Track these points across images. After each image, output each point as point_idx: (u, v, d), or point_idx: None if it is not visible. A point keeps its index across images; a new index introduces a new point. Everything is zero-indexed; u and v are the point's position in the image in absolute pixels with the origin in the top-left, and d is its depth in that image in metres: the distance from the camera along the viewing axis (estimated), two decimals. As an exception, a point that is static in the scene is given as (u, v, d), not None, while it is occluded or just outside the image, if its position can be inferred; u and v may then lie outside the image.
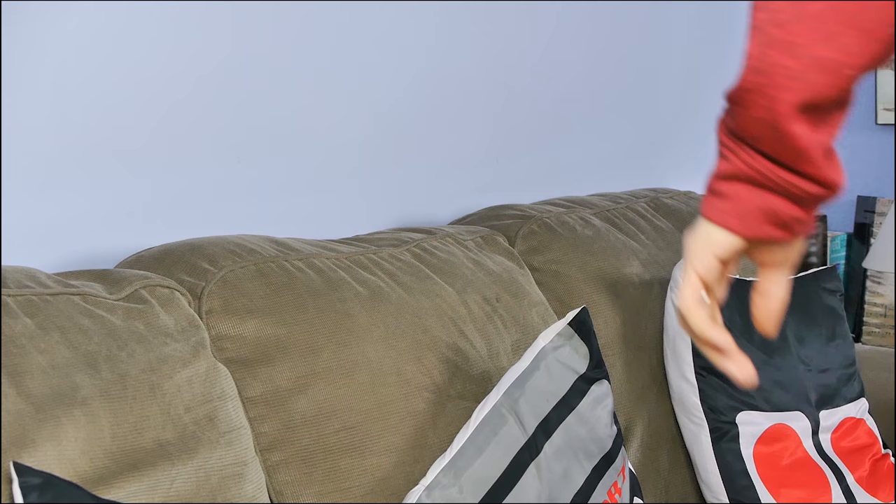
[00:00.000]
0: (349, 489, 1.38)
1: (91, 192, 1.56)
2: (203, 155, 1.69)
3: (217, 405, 1.29)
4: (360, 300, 1.48)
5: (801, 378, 1.83)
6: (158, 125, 1.63)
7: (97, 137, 1.56)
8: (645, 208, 2.08)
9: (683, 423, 1.79)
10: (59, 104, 1.51)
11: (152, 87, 1.61)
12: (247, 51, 1.73)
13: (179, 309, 1.34)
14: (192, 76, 1.66)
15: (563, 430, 1.44)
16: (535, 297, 1.73)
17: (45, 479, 1.02)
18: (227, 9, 1.69)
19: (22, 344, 1.15)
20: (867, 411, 1.93)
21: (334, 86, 1.86)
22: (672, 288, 1.81)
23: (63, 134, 1.52)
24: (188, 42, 1.65)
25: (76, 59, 1.52)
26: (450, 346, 1.53)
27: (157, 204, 1.63)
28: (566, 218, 1.91)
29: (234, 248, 1.47)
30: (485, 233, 1.80)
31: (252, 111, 1.75)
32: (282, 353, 1.39)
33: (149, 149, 1.62)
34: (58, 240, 1.52)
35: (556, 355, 1.48)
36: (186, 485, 1.20)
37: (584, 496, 1.43)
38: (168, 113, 1.63)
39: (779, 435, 1.77)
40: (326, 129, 1.86)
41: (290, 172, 1.81)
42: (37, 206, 1.50)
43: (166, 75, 1.63)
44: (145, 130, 1.61)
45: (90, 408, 1.15)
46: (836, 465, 1.81)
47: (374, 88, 1.93)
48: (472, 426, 1.39)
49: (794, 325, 1.86)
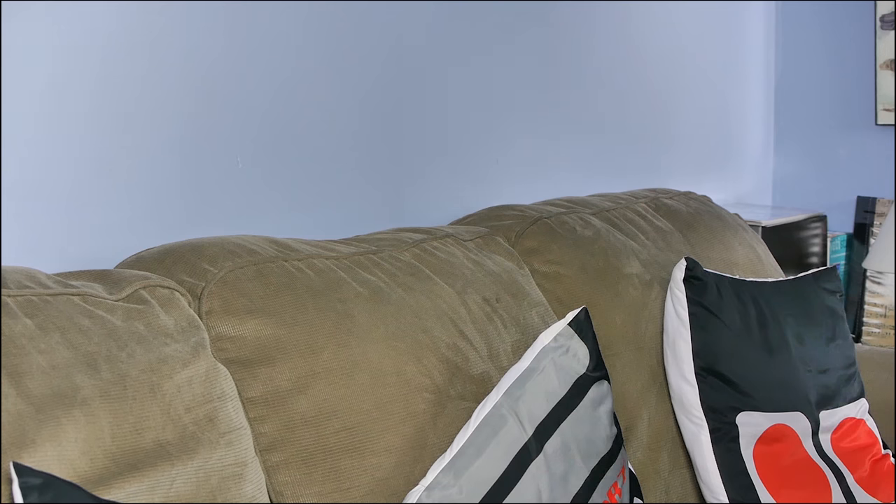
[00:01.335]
0: (349, 489, 1.38)
1: (91, 192, 1.56)
2: (203, 155, 1.69)
3: (217, 405, 1.29)
4: (361, 300, 1.48)
5: (801, 378, 1.83)
6: (158, 125, 1.63)
7: (97, 137, 1.56)
8: (645, 209, 2.08)
9: (683, 423, 1.79)
10: (60, 104, 1.51)
11: (152, 87, 1.61)
12: (245, 50, 1.73)
13: (179, 309, 1.34)
14: (192, 76, 1.66)
15: (563, 430, 1.44)
16: (535, 297, 1.73)
17: (44, 480, 1.02)
18: (228, 8, 1.69)
19: (22, 344, 1.15)
20: (867, 412, 1.93)
21: (334, 85, 1.86)
22: (672, 288, 1.81)
23: (63, 134, 1.52)
24: (189, 42, 1.65)
25: (76, 59, 1.52)
26: (450, 347, 1.53)
27: (157, 204, 1.63)
28: (566, 218, 1.91)
29: (234, 248, 1.47)
30: (485, 233, 1.80)
31: (251, 111, 1.75)
32: (282, 354, 1.39)
33: (149, 149, 1.62)
34: (58, 240, 1.52)
35: (556, 356, 1.48)
36: (186, 485, 1.20)
37: (584, 496, 1.43)
38: (168, 113, 1.63)
39: (779, 435, 1.77)
40: (326, 129, 1.86)
41: (289, 172, 1.81)
42: (37, 207, 1.50)
43: (166, 75, 1.63)
44: (145, 130, 1.61)
45: (90, 408, 1.15)
46: (836, 465, 1.81)
47: (374, 88, 1.92)
48: (472, 426, 1.39)
49: (794, 326, 1.86)
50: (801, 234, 2.68)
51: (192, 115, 1.66)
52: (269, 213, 1.77)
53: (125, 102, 1.58)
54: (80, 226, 1.54)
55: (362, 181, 1.92)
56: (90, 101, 1.54)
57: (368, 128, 1.92)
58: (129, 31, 1.57)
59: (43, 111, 1.49)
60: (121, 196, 1.59)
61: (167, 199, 1.64)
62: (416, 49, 1.99)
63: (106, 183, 1.57)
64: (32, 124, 1.48)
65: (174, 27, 1.62)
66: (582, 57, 2.34)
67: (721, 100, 2.77)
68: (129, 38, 1.57)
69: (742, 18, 2.80)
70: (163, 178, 1.63)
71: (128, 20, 1.56)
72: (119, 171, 1.58)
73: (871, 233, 2.76)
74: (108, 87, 1.56)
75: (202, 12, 1.65)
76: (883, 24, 2.67)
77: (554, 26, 2.26)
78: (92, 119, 1.54)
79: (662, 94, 2.57)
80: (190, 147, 1.67)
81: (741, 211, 2.58)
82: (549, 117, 2.28)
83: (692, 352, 1.77)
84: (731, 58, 2.79)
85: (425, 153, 2.03)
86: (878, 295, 2.71)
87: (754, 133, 2.89)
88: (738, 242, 2.13)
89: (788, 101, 2.91)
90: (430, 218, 1.99)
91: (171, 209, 1.65)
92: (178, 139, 1.65)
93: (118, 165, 1.58)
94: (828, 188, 2.85)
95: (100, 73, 1.54)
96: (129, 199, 1.60)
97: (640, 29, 2.49)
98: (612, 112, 2.44)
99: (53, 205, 1.51)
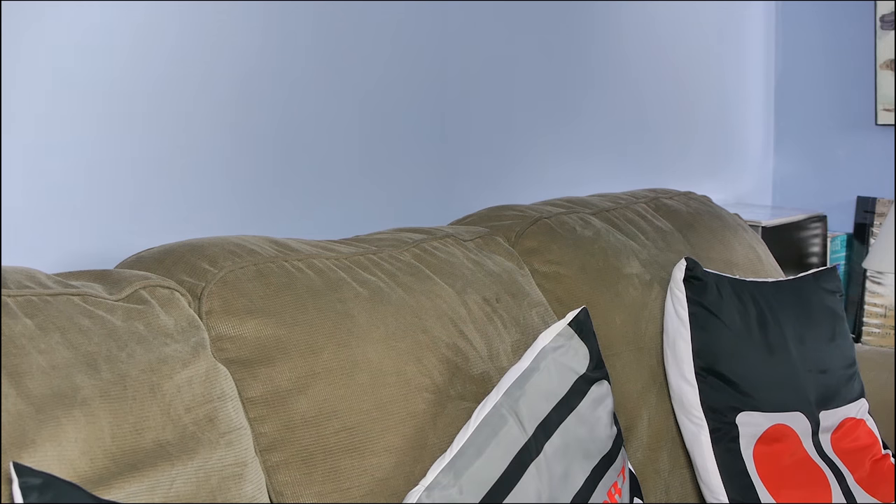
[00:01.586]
0: (349, 490, 1.38)
1: (91, 192, 1.56)
2: (203, 155, 1.69)
3: (217, 406, 1.29)
4: (360, 301, 1.48)
5: (801, 378, 1.83)
6: (159, 126, 1.63)
7: (98, 138, 1.56)
8: (645, 209, 2.08)
9: (683, 423, 1.79)
10: (60, 104, 1.51)
11: (152, 88, 1.61)
12: (245, 52, 1.73)
13: (179, 309, 1.34)
14: (192, 77, 1.66)
15: (563, 430, 1.44)
16: (535, 297, 1.73)
17: (44, 480, 1.02)
18: (229, 8, 1.69)
19: (22, 344, 1.15)
20: (867, 412, 1.93)
21: (335, 86, 1.86)
22: (672, 288, 1.81)
23: (63, 134, 1.52)
24: (189, 42, 1.65)
25: (76, 59, 1.52)
26: (450, 347, 1.53)
27: (156, 204, 1.64)
28: (566, 218, 1.91)
29: (234, 248, 1.47)
30: (485, 233, 1.80)
31: (251, 111, 1.75)
32: (282, 354, 1.39)
33: (149, 149, 1.62)
34: (58, 240, 1.52)
35: (556, 356, 1.48)
36: (186, 485, 1.20)
37: (584, 496, 1.43)
38: (168, 114, 1.64)
39: (779, 435, 1.77)
40: (327, 129, 1.86)
41: (290, 173, 1.81)
42: (37, 207, 1.50)
43: (165, 76, 1.63)
44: (145, 131, 1.61)
45: (90, 408, 1.15)
46: (837, 465, 1.80)
47: (374, 89, 1.93)
48: (472, 427, 1.39)
49: (794, 326, 1.86)
50: (801, 234, 2.68)
51: (191, 114, 1.67)
52: (268, 213, 1.77)
53: (124, 102, 1.58)
54: (79, 226, 1.54)
55: (362, 181, 1.92)
56: (91, 101, 1.54)
57: (368, 128, 1.92)
58: (120, 31, 1.57)
59: (44, 111, 1.49)
60: (121, 196, 1.59)
61: (167, 199, 1.64)
62: (413, 49, 1.99)
63: (106, 183, 1.57)
64: (33, 124, 1.48)
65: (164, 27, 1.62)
66: (581, 58, 2.34)
67: (721, 100, 2.77)
68: (125, 38, 1.57)
69: (742, 18, 2.80)
70: (163, 177, 1.64)
71: (118, 20, 1.57)
72: (119, 170, 1.59)
73: (871, 233, 2.76)
74: (108, 87, 1.56)
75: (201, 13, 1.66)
76: (883, 24, 2.67)
77: (550, 28, 2.26)
78: (92, 119, 1.54)
79: (662, 94, 2.57)
80: (190, 147, 1.67)
81: (741, 211, 2.58)
82: (550, 117, 2.28)
83: (692, 352, 1.77)
84: (731, 58, 2.79)
85: (426, 153, 2.03)
86: (878, 295, 2.71)
87: (754, 133, 2.89)
88: (738, 242, 2.13)
89: (788, 101, 2.91)
90: (430, 218, 1.99)
91: (171, 209, 1.65)
92: (177, 139, 1.65)
93: (118, 165, 1.58)
94: (828, 188, 2.85)
95: (100, 72, 1.55)
96: (130, 199, 1.60)
97: (640, 29, 2.49)
98: (612, 112, 2.44)
99: (53, 205, 1.52)
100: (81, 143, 1.54)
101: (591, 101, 2.38)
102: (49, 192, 1.51)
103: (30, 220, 1.49)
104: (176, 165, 1.66)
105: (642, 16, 2.48)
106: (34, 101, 1.48)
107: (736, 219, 2.23)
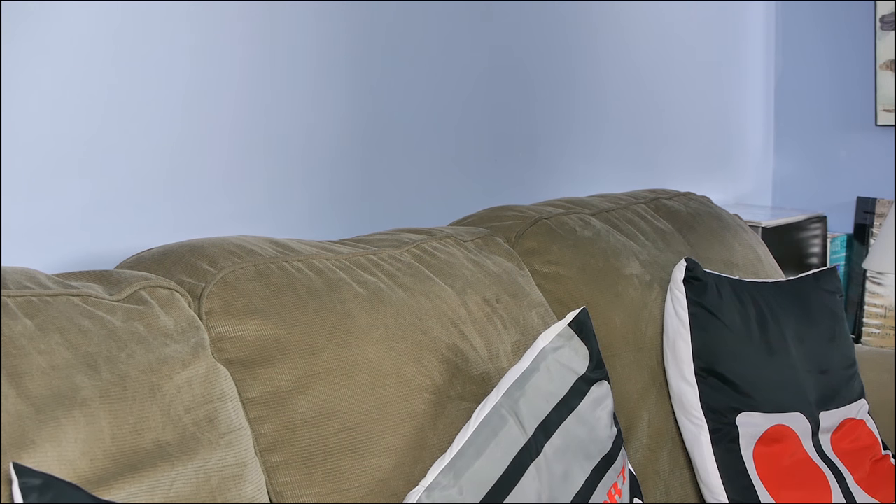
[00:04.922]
0: (349, 490, 1.38)
1: (91, 192, 1.56)
2: (202, 155, 1.69)
3: (217, 406, 1.29)
4: (360, 301, 1.48)
5: (800, 379, 1.83)
6: (158, 127, 1.63)
7: (98, 138, 1.56)
8: (645, 209, 2.08)
9: (683, 423, 1.79)
10: (60, 105, 1.51)
11: (152, 89, 1.61)
12: (242, 51, 1.73)
13: (179, 310, 1.34)
14: (192, 77, 1.66)
15: (563, 430, 1.44)
16: (535, 298, 1.73)
17: (44, 480, 1.02)
18: (231, 9, 1.69)
19: (22, 345, 1.15)
20: (867, 412, 1.93)
21: (335, 86, 1.86)
22: (672, 289, 1.81)
23: (63, 135, 1.52)
24: (190, 42, 1.65)
25: (76, 60, 1.52)
26: (450, 347, 1.53)
27: (156, 204, 1.64)
28: (566, 219, 1.91)
29: (234, 249, 1.47)
30: (485, 234, 1.80)
31: (250, 111, 1.75)
32: (282, 354, 1.39)
33: (149, 150, 1.62)
34: (58, 240, 1.52)
35: (556, 356, 1.48)
36: (186, 486, 1.20)
37: (584, 497, 1.43)
38: (168, 114, 1.64)
39: (779, 436, 1.77)
40: (326, 130, 1.86)
41: (289, 173, 1.81)
42: (37, 207, 1.50)
43: (165, 77, 1.63)
44: (145, 132, 1.61)
45: (90, 409, 1.15)
46: (836, 466, 1.80)
47: (375, 89, 1.93)
48: (472, 427, 1.39)
49: (794, 326, 1.86)
50: (801, 234, 2.68)
51: (191, 115, 1.67)
52: (268, 213, 1.77)
53: (125, 103, 1.58)
54: (80, 226, 1.55)
55: (362, 181, 1.92)
56: (91, 101, 1.54)
57: (369, 127, 1.92)
58: (119, 31, 1.57)
59: (44, 112, 1.49)
60: (121, 196, 1.59)
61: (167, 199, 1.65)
62: (413, 48, 1.99)
63: (106, 183, 1.57)
64: (33, 124, 1.48)
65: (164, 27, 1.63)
66: (581, 59, 2.34)
67: (721, 100, 2.77)
68: (124, 38, 1.57)
69: (742, 18, 2.80)
70: (163, 177, 1.64)
71: (118, 20, 1.57)
72: (119, 171, 1.59)
73: (871, 233, 2.76)
74: (108, 88, 1.56)
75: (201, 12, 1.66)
76: (883, 25, 2.67)
77: (550, 30, 2.26)
78: (92, 120, 1.55)
79: (662, 94, 2.57)
80: (189, 147, 1.67)
81: (741, 211, 2.58)
82: (549, 118, 2.28)
83: (692, 352, 1.77)
84: (731, 58, 2.79)
85: (426, 153, 2.03)
86: (878, 295, 2.71)
87: (754, 133, 2.89)
88: (738, 243, 2.13)
89: (788, 102, 2.91)
90: (429, 219, 1.99)
91: (171, 209, 1.65)
92: (177, 139, 1.65)
93: (118, 165, 1.58)
94: (828, 189, 2.85)
95: (100, 73, 1.55)
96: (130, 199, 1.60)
97: (640, 29, 2.49)
98: (612, 112, 2.44)
99: (53, 205, 1.52)
100: (81, 142, 1.54)
101: (591, 102, 2.38)
102: (49, 192, 1.51)
103: (30, 220, 1.49)
104: (176, 165, 1.66)
105: (642, 17, 2.48)
106: (34, 101, 1.48)
107: (736, 219, 2.23)
